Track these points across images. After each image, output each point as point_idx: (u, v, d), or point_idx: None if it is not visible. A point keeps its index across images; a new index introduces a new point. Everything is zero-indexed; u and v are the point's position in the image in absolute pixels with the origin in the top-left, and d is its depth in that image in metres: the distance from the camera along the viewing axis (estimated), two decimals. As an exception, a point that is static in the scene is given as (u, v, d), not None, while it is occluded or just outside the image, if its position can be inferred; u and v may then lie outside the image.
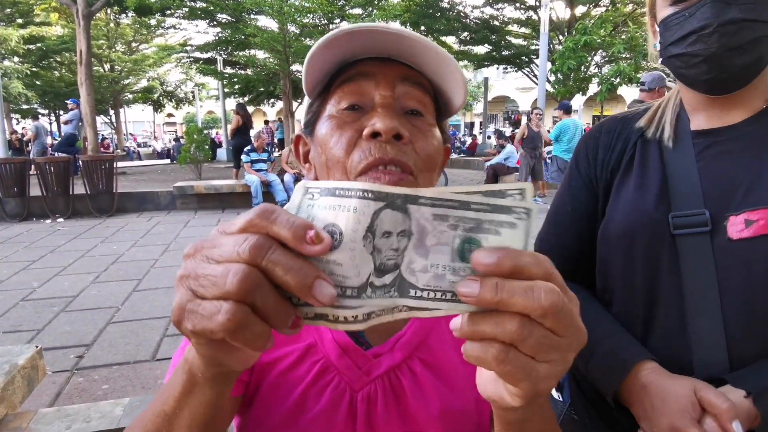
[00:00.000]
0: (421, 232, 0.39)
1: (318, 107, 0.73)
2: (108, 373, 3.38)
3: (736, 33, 0.84)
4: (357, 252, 0.38)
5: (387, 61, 0.69)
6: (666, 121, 1.01)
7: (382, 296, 0.39)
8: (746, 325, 0.85)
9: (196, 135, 11.80)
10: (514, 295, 0.36)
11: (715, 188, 0.91)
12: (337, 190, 0.39)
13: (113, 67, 25.82)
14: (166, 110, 36.13)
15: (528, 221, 0.39)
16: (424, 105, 0.70)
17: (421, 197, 0.39)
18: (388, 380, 0.71)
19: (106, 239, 7.41)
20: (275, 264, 0.36)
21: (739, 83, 0.90)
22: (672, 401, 0.81)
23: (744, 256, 0.85)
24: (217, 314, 0.36)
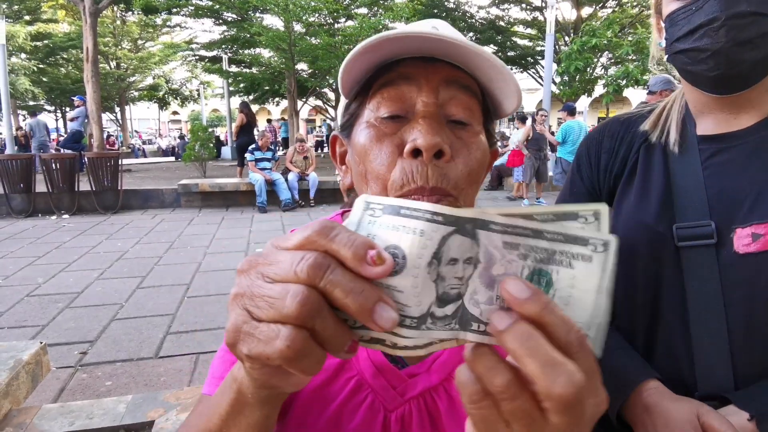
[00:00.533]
0: (488, 261, 0.36)
1: (356, 109, 0.69)
2: (111, 369, 3.39)
3: (745, 27, 0.80)
4: (420, 279, 0.36)
5: (431, 61, 0.64)
6: (671, 124, 0.97)
7: (442, 328, 0.37)
8: (751, 342, 0.82)
9: (200, 133, 11.83)
10: (533, 357, 0.33)
11: (722, 199, 0.87)
12: (402, 209, 0.37)
13: (119, 64, 25.91)
14: (171, 108, 36.21)
15: (605, 255, 0.36)
16: (470, 111, 0.65)
17: (492, 222, 0.36)
18: (424, 402, 0.68)
19: (110, 236, 7.43)
20: (335, 285, 0.34)
21: (748, 81, 0.85)
22: (674, 425, 0.79)
23: (750, 271, 0.82)
24: (275, 340, 0.35)
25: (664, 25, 0.92)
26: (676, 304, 0.88)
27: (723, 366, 0.83)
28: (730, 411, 0.79)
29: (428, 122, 0.60)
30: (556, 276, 0.36)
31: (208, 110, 39.08)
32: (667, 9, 0.90)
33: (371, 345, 0.38)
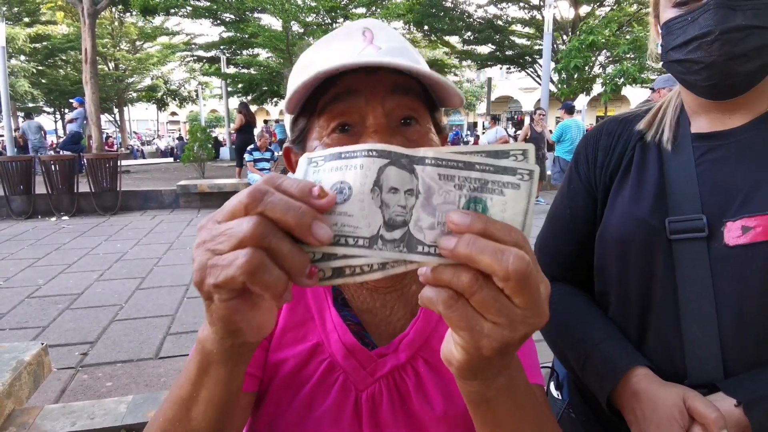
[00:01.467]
0: (427, 191, 0.41)
1: (305, 125, 0.70)
2: (112, 370, 3.41)
3: (739, 41, 0.81)
4: (366, 203, 0.41)
5: (373, 71, 0.65)
6: (666, 123, 1.00)
7: (392, 249, 0.41)
8: (741, 332, 0.84)
9: (199, 134, 11.84)
10: (483, 252, 0.37)
11: (714, 193, 0.89)
12: (343, 153, 0.43)
13: (117, 65, 25.92)
14: (169, 109, 36.20)
15: (530, 182, 0.41)
16: (416, 110, 0.68)
17: (425, 158, 0.42)
18: (393, 380, 0.72)
19: (110, 237, 7.45)
20: (274, 206, 0.38)
21: (742, 90, 0.88)
22: (661, 409, 0.81)
23: (740, 263, 0.84)
24: (236, 260, 0.38)
25: (660, 31, 0.94)
26: (668, 296, 0.90)
27: (713, 356, 0.85)
28: (718, 398, 0.80)
29: (380, 136, 0.63)
30: (490, 202, 0.41)
31: (207, 111, 39.08)
32: (664, 16, 0.92)
33: (334, 280, 0.42)
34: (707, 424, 0.76)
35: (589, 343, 0.96)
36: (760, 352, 0.83)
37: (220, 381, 0.51)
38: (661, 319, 0.92)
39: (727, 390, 0.81)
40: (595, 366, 0.94)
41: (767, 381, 0.80)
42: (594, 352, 0.94)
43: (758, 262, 0.82)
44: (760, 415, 0.77)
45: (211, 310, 0.44)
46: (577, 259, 1.09)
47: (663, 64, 0.96)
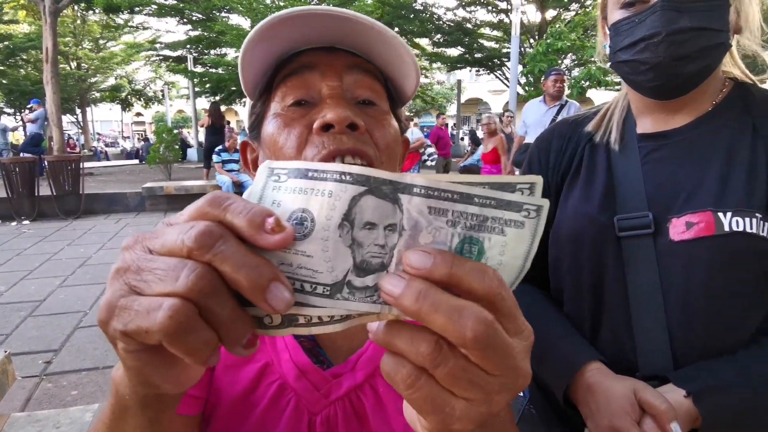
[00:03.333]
0: (414, 228, 0.34)
1: (261, 108, 0.68)
2: (77, 378, 3.33)
3: (684, 42, 0.84)
4: (331, 243, 0.33)
5: (331, 50, 0.64)
6: (613, 124, 1.03)
7: (362, 300, 0.34)
8: (687, 324, 0.87)
9: (165, 135, 11.61)
10: (437, 311, 0.31)
11: (659, 191, 0.92)
12: (310, 171, 0.34)
13: (80, 64, 25.16)
14: (134, 109, 35.34)
15: (537, 220, 0.34)
16: (376, 93, 0.66)
17: (414, 185, 0.33)
18: (350, 402, 0.66)
19: (72, 242, 7.23)
20: (225, 258, 0.31)
21: (686, 90, 0.91)
22: (614, 402, 0.83)
23: (685, 258, 0.87)
24: (156, 311, 0.30)
25: (608, 32, 0.97)
26: (618, 291, 0.93)
27: (662, 348, 0.88)
28: (668, 389, 0.83)
29: (336, 101, 0.61)
30: (487, 243, 0.34)
31: (174, 111, 38.33)
32: (612, 17, 0.95)
33: (282, 330, 0.35)
34: (657, 416, 0.78)
35: (546, 341, 0.98)
36: (706, 343, 0.86)
37: (139, 428, 0.44)
38: (612, 313, 0.95)
39: (677, 381, 0.83)
40: (552, 362, 0.97)
41: (715, 372, 0.83)
42: (550, 349, 0.97)
43: (701, 257, 0.85)
44: (708, 406, 0.80)
45: (120, 353, 0.36)
46: (535, 259, 1.11)
47: (611, 65, 0.99)
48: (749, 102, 0.92)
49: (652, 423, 0.79)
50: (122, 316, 0.32)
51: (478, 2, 18.51)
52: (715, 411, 0.80)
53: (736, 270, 0.84)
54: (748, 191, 0.85)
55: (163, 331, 0.30)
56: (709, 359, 0.86)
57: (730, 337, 0.86)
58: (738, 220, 0.83)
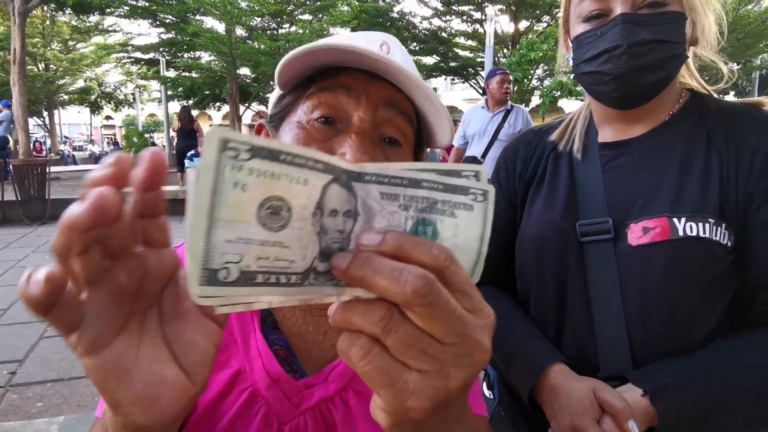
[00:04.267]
0: (368, 213, 0.35)
1: (289, 104, 0.67)
2: (42, 390, 3.22)
3: (644, 54, 0.88)
4: (305, 231, 0.33)
5: (373, 77, 0.63)
6: (576, 134, 1.07)
7: (324, 284, 0.34)
8: (645, 327, 0.90)
9: (136, 139, 11.41)
10: (379, 273, 0.32)
11: (619, 198, 0.95)
12: (282, 154, 0.31)
13: (48, 66, 24.55)
14: (104, 112, 34.62)
15: (485, 204, 0.36)
16: (404, 135, 0.65)
17: (365, 173, 0.34)
18: (320, 413, 0.66)
19: (38, 249, 7.00)
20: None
21: (646, 99, 0.95)
22: (574, 402, 0.85)
23: (642, 261, 0.90)
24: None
25: (571, 45, 1.01)
26: (580, 294, 0.96)
27: (622, 349, 0.91)
28: (626, 389, 0.85)
29: (360, 139, 0.60)
30: (440, 225, 0.35)
31: (145, 115, 37.65)
32: (575, 31, 0.98)
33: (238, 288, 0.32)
34: (615, 414, 0.81)
35: (512, 343, 1.00)
36: (664, 344, 0.89)
37: None
38: (575, 316, 0.98)
39: (635, 381, 0.86)
40: (518, 364, 0.99)
41: (672, 371, 0.86)
42: (517, 352, 0.99)
43: (657, 260, 0.88)
44: (665, 404, 0.82)
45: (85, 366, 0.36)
46: (500, 264, 1.13)
47: (574, 76, 1.03)
48: (704, 112, 0.96)
49: (611, 422, 0.81)
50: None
51: (453, 12, 18.75)
52: (671, 409, 0.82)
53: (690, 273, 0.87)
54: (702, 198, 0.88)
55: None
56: (667, 359, 0.88)
57: (687, 337, 0.89)
58: (692, 225, 0.86)
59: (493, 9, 16.67)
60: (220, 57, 14.41)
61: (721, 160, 0.89)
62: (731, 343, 0.87)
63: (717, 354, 0.86)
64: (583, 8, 0.94)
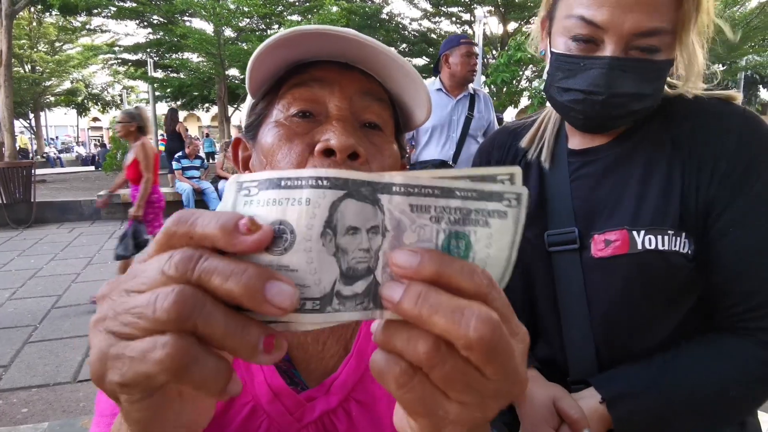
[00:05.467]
0: (397, 228, 0.33)
1: (263, 109, 0.66)
2: (27, 396, 3.18)
3: (621, 105, 0.87)
4: (315, 253, 0.31)
5: (346, 67, 0.63)
6: (545, 141, 1.06)
7: (353, 308, 0.32)
8: (609, 333, 0.92)
9: (123, 140, 11.30)
10: (437, 313, 0.29)
11: (584, 207, 0.96)
12: (283, 180, 0.32)
13: (34, 67, 24.28)
14: (91, 114, 34.28)
15: (519, 209, 0.34)
16: (383, 120, 0.65)
17: (393, 184, 0.32)
18: (323, 426, 0.65)
19: (23, 252, 6.93)
20: (211, 272, 0.29)
21: (609, 131, 0.95)
22: (536, 409, 0.88)
23: (605, 273, 0.91)
24: (152, 351, 0.28)
25: (549, 57, 0.96)
26: (550, 302, 0.98)
27: (588, 354, 0.93)
28: (587, 394, 0.88)
29: (342, 124, 0.59)
30: (474, 237, 0.33)
31: (133, 116, 37.27)
32: (557, 43, 0.92)
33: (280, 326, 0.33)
34: (572, 424, 0.84)
35: None
36: (626, 349, 0.92)
37: None
38: (545, 323, 1.00)
39: (596, 386, 0.88)
40: None
41: (629, 378, 0.88)
42: None
43: (618, 273, 0.89)
44: (620, 411, 0.85)
45: (123, 409, 0.33)
46: None
47: (543, 90, 1.00)
48: (670, 117, 0.94)
49: (568, 430, 0.85)
50: (117, 366, 0.30)
51: (442, 14, 18.81)
52: (626, 416, 0.84)
53: (650, 284, 0.89)
54: (661, 209, 0.88)
55: (165, 371, 0.28)
56: (629, 364, 0.91)
57: (648, 342, 0.91)
58: (650, 238, 0.86)
59: (482, 11, 16.75)
60: (208, 58, 14.33)
61: (684, 167, 0.89)
62: (689, 351, 0.88)
63: (674, 362, 0.87)
64: (573, 26, 0.87)
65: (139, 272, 0.32)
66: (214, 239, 0.30)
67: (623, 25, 0.81)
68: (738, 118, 0.88)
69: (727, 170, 0.85)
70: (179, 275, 0.29)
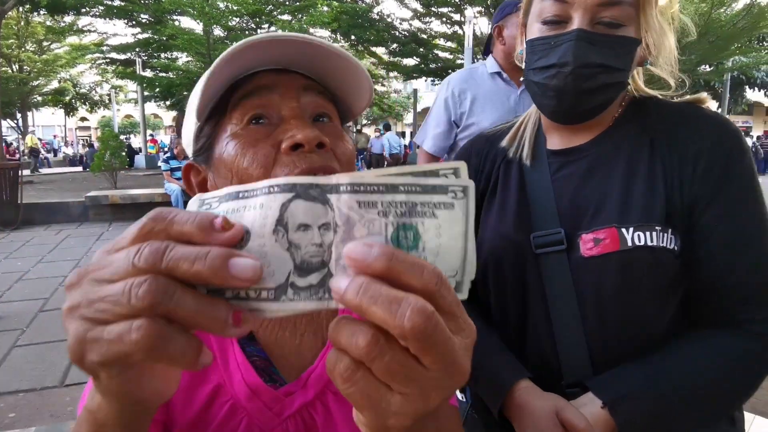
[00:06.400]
0: (347, 223, 0.35)
1: (212, 130, 0.68)
2: (14, 400, 3.15)
3: (590, 76, 0.90)
4: (268, 248, 0.35)
5: (284, 72, 0.67)
6: (525, 140, 1.07)
7: (308, 298, 0.35)
8: (602, 333, 0.92)
9: (111, 141, 11.20)
10: (375, 303, 0.31)
11: (569, 207, 0.96)
12: (240, 192, 0.36)
13: (22, 67, 24.00)
14: (79, 114, 33.95)
15: (466, 201, 0.36)
16: (329, 110, 0.69)
17: (340, 184, 0.35)
18: (301, 419, 0.68)
19: (9, 255, 6.86)
20: (178, 259, 0.32)
21: (583, 120, 0.97)
22: (538, 422, 0.87)
23: (595, 272, 0.92)
24: (127, 334, 0.32)
25: (525, 47, 1.01)
26: (539, 305, 0.98)
27: (581, 356, 0.93)
28: (587, 400, 0.87)
29: (299, 121, 0.63)
30: (422, 228, 0.35)
31: (121, 116, 37.06)
32: (531, 30, 0.98)
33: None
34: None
35: (478, 356, 1.00)
36: (620, 349, 0.92)
37: None
38: (536, 326, 0.99)
39: (594, 390, 0.88)
40: (484, 381, 1.00)
41: (627, 379, 0.88)
42: (483, 366, 0.99)
43: (609, 271, 0.90)
44: (623, 414, 0.84)
45: (100, 384, 0.37)
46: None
47: (523, 80, 1.03)
48: (646, 118, 0.97)
49: None
50: (95, 348, 0.33)
51: (432, 14, 18.82)
52: (629, 419, 0.84)
53: (641, 280, 0.90)
54: (648, 206, 0.90)
55: (140, 350, 0.32)
56: (624, 364, 0.91)
57: (641, 340, 0.92)
58: (639, 235, 0.88)
59: (472, 11, 16.82)
60: (197, 58, 14.23)
61: (665, 166, 0.92)
62: (683, 348, 0.90)
63: (670, 360, 0.88)
64: (544, 8, 0.94)
65: (107, 263, 0.34)
66: (191, 235, 0.33)
67: None
68: (711, 120, 0.93)
69: (707, 168, 0.89)
70: (149, 266, 0.32)
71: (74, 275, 0.36)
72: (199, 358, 0.34)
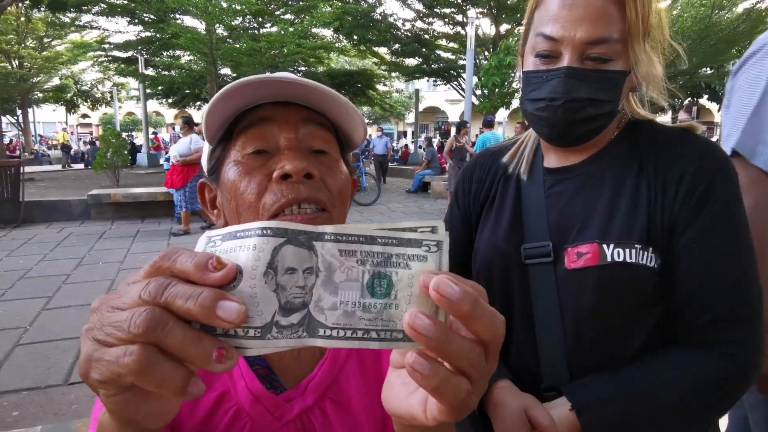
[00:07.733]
0: (328, 269, 0.39)
1: (221, 153, 0.74)
2: (18, 399, 3.17)
3: (578, 109, 0.95)
4: (258, 289, 0.38)
5: (287, 105, 0.71)
6: (524, 157, 1.13)
7: (288, 336, 0.38)
8: (580, 343, 0.97)
9: (113, 139, 11.22)
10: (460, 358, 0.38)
11: (558, 222, 1.02)
12: (238, 232, 0.40)
13: (22, 63, 23.98)
14: (80, 111, 33.93)
15: (439, 253, 0.39)
16: (327, 142, 0.73)
17: (325, 233, 0.39)
18: (301, 423, 0.73)
19: (11, 253, 6.88)
20: (175, 296, 0.36)
21: (577, 144, 1.03)
22: (508, 418, 0.93)
23: (576, 284, 0.96)
24: (122, 357, 0.36)
25: (522, 76, 1.06)
26: (525, 313, 1.03)
27: (560, 363, 0.98)
28: (558, 402, 0.93)
29: (293, 152, 0.68)
30: (395, 277, 0.39)
31: (123, 114, 37.04)
32: (527, 62, 1.03)
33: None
34: (543, 431, 0.89)
35: None
36: (595, 359, 0.97)
37: None
38: (520, 333, 1.05)
39: (567, 394, 0.94)
40: None
41: (597, 386, 0.93)
42: None
43: (589, 284, 0.95)
44: (588, 418, 0.90)
45: (102, 399, 0.41)
46: None
47: (520, 106, 1.09)
48: (638, 141, 1.03)
49: None
50: (97, 367, 0.38)
51: (435, 14, 18.82)
52: (594, 423, 0.90)
53: (618, 295, 0.94)
54: (629, 224, 0.94)
55: (130, 372, 0.36)
56: (598, 373, 0.96)
57: (616, 352, 0.96)
58: (619, 251, 0.92)
59: (474, 12, 16.85)
60: (200, 57, 14.22)
61: (650, 188, 0.96)
62: (653, 363, 0.94)
63: (638, 373, 0.93)
64: (537, 43, 0.99)
65: (124, 293, 0.39)
66: (188, 274, 0.38)
67: (575, 36, 0.92)
68: (698, 146, 0.96)
69: (689, 192, 0.93)
70: (151, 299, 0.37)
71: (97, 301, 0.41)
72: (186, 387, 0.37)
